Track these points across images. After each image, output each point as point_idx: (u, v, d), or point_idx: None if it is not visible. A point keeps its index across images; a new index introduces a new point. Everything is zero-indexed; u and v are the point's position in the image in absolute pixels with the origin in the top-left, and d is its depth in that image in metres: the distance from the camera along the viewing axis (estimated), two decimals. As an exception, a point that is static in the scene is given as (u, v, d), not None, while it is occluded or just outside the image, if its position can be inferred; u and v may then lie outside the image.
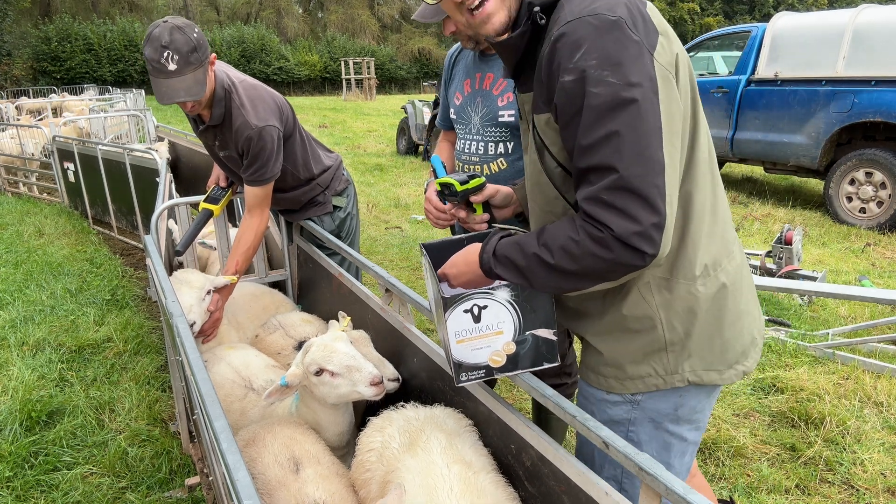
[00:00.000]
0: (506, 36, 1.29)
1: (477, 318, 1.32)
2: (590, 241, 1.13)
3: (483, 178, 1.60)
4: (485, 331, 1.33)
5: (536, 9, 1.22)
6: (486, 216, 1.65)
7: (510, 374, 1.38)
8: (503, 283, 1.31)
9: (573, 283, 1.21)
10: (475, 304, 1.31)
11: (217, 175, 2.96)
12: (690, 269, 1.29)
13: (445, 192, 1.61)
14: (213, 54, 2.36)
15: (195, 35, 2.24)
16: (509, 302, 1.31)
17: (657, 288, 1.31)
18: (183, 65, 2.21)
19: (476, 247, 1.37)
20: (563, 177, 1.28)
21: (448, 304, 1.30)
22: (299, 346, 2.46)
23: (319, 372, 1.86)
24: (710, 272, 1.31)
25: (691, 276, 1.30)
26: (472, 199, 1.60)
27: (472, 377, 1.37)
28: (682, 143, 1.21)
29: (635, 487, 1.41)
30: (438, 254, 1.53)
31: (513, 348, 1.35)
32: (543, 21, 1.22)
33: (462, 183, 1.57)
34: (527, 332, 1.35)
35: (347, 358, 1.87)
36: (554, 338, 1.36)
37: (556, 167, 1.28)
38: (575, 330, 1.47)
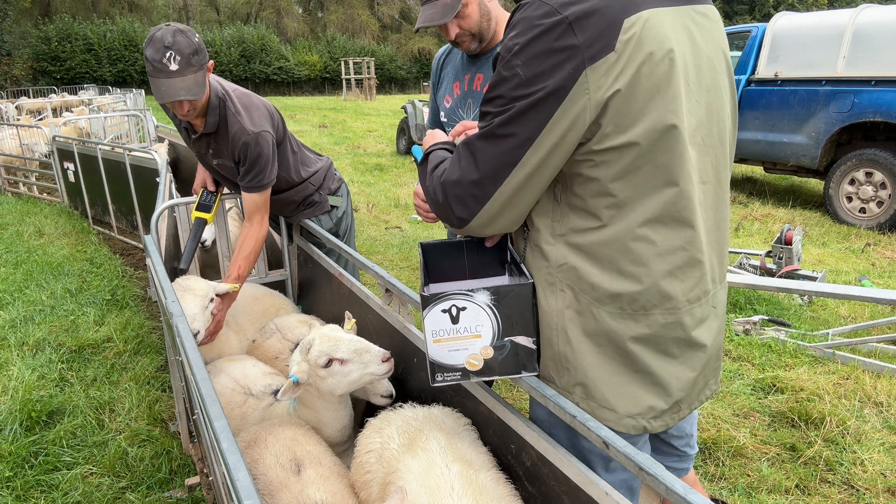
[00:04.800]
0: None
1: (455, 320, 1.30)
2: (440, 171, 1.28)
3: None
4: (462, 333, 1.31)
5: None
6: None
7: (487, 378, 1.37)
8: (483, 286, 1.29)
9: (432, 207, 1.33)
10: (453, 305, 1.29)
11: (203, 178, 2.95)
12: (597, 292, 1.22)
13: None
14: (211, 61, 2.41)
15: (196, 39, 2.30)
16: (488, 306, 1.29)
17: (558, 291, 1.26)
18: (185, 66, 2.24)
19: (440, 135, 1.47)
20: None
21: (426, 302, 1.29)
22: (296, 347, 2.47)
23: (328, 363, 1.86)
24: (625, 308, 1.22)
25: (597, 299, 1.22)
26: None
27: (448, 379, 1.36)
28: (555, 160, 1.15)
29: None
30: (436, 254, 1.53)
31: (490, 353, 1.33)
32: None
33: None
34: (505, 338, 1.32)
35: (354, 343, 1.90)
36: (533, 346, 1.33)
37: None
38: None
